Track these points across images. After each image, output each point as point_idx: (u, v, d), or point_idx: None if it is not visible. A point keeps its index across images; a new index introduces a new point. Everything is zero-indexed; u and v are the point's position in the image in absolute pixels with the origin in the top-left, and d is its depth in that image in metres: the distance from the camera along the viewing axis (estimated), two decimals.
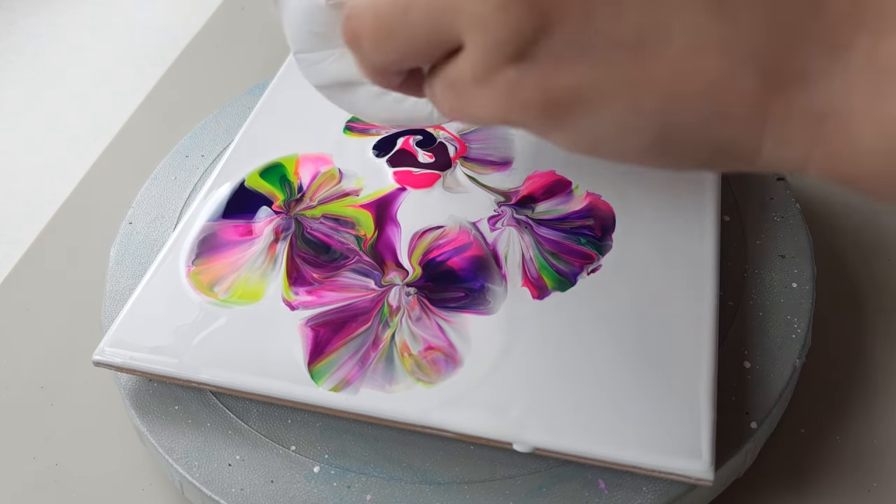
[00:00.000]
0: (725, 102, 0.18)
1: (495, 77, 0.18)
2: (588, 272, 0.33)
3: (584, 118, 0.18)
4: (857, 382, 0.34)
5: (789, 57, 0.17)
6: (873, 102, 0.17)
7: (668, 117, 0.18)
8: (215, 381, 0.30)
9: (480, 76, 0.19)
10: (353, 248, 0.35)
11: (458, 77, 0.19)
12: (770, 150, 0.18)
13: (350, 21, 0.20)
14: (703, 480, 0.27)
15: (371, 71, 0.21)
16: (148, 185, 0.41)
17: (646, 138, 0.19)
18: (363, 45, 0.20)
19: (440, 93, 0.20)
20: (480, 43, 0.18)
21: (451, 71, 0.19)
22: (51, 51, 0.60)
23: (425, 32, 0.19)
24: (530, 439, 0.28)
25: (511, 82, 0.18)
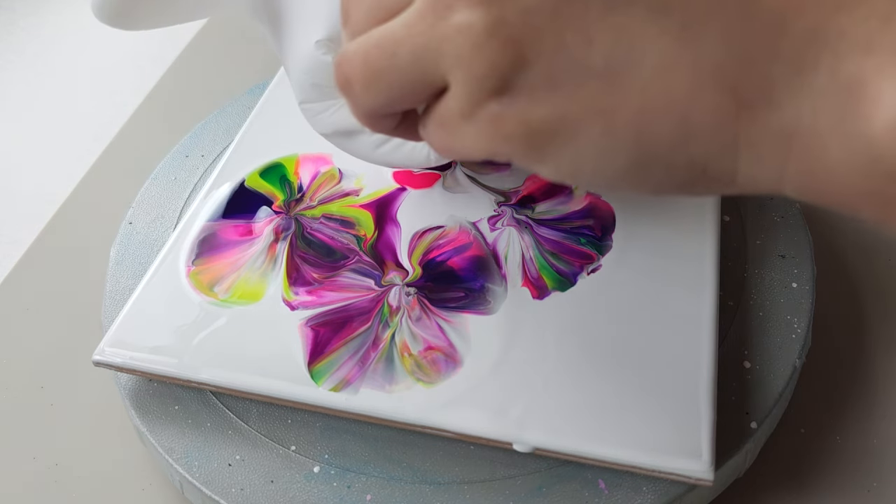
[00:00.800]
0: (696, 123, 0.18)
1: (479, 111, 0.19)
2: (588, 272, 0.33)
3: (565, 146, 0.19)
4: (857, 382, 0.34)
5: (755, 78, 0.18)
6: (839, 121, 0.17)
7: (643, 140, 0.19)
8: (215, 381, 0.30)
9: (466, 111, 0.19)
10: (353, 248, 0.35)
11: (447, 114, 0.20)
12: (745, 171, 0.19)
13: (341, 66, 0.21)
14: (703, 480, 0.27)
15: (364, 115, 0.22)
16: (148, 185, 0.41)
17: (624, 162, 0.19)
18: (355, 90, 0.21)
19: (432, 131, 0.21)
20: (462, 80, 0.19)
21: (440, 109, 0.20)
22: (51, 51, 0.60)
23: (412, 74, 0.20)
24: (530, 439, 0.28)
25: (494, 116, 0.19)
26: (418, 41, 0.19)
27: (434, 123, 0.21)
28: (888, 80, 0.16)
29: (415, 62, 0.20)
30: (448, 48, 0.19)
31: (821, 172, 0.18)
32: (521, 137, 0.19)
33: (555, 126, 0.19)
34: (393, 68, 0.20)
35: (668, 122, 0.18)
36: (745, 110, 0.18)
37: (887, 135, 0.16)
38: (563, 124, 0.19)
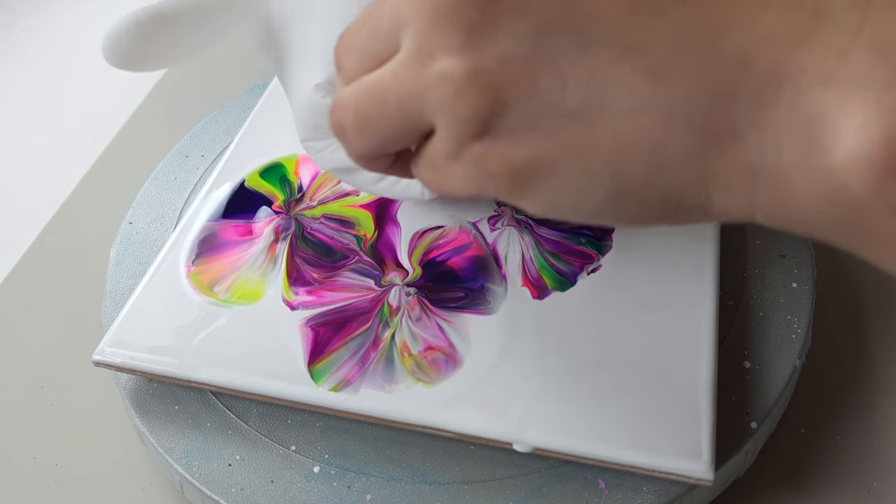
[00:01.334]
0: (667, 159, 0.19)
1: (464, 153, 0.20)
2: (588, 272, 0.33)
3: (546, 183, 0.20)
4: (857, 382, 0.34)
5: (720, 115, 0.18)
6: (801, 153, 0.18)
7: (618, 176, 0.20)
8: (215, 381, 0.30)
9: (452, 153, 0.21)
10: (353, 248, 0.35)
11: (435, 155, 0.21)
12: (718, 202, 0.20)
13: (335, 113, 0.23)
14: (703, 480, 0.27)
15: (359, 157, 0.23)
16: (148, 185, 0.41)
17: (602, 197, 0.20)
18: (348, 135, 0.22)
19: (423, 171, 0.22)
20: (447, 124, 0.20)
21: (428, 151, 0.21)
22: (51, 51, 0.60)
23: (400, 119, 0.21)
24: (530, 439, 0.28)
25: (478, 157, 0.20)
26: (405, 88, 0.20)
27: (424, 164, 0.22)
28: (846, 112, 0.17)
29: (402, 108, 0.21)
30: (432, 94, 0.20)
31: (788, 202, 0.19)
32: (505, 176, 0.20)
33: (535, 165, 0.20)
34: (382, 115, 0.21)
35: (640, 158, 0.19)
36: (713, 145, 0.19)
37: (847, 166, 0.17)
38: (542, 163, 0.20)
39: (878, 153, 0.17)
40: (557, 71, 0.19)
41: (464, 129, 0.20)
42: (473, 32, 0.19)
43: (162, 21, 0.31)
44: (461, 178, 0.21)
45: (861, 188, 0.17)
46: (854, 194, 0.17)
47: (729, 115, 0.18)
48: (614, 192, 0.20)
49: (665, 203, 0.20)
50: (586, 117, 0.19)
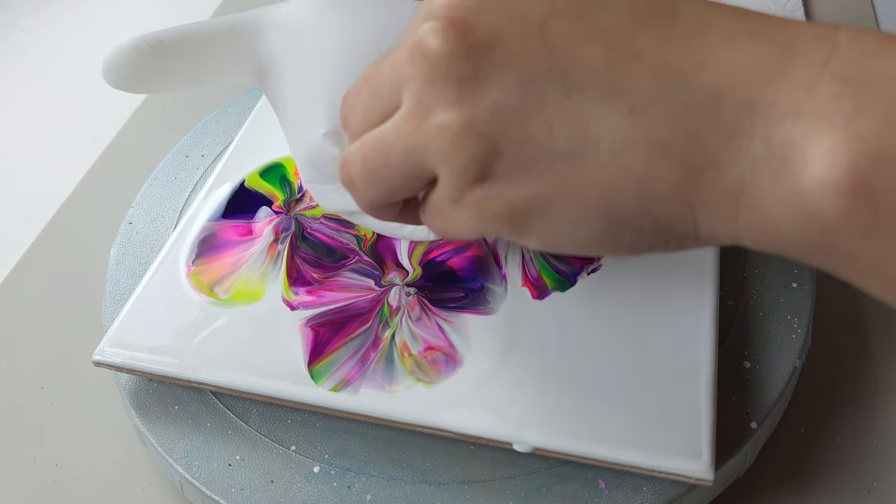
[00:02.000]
0: (653, 191, 0.20)
1: (465, 197, 0.22)
2: (588, 272, 0.33)
3: (542, 221, 0.21)
4: (857, 382, 0.34)
5: (698, 148, 0.20)
6: (775, 181, 0.19)
7: (610, 210, 0.21)
8: (215, 381, 0.30)
9: (454, 198, 0.22)
10: (353, 248, 0.35)
11: (439, 202, 0.23)
12: (706, 227, 0.21)
13: (344, 168, 0.24)
14: (703, 480, 0.27)
15: (368, 207, 0.25)
16: (148, 185, 0.41)
17: (596, 230, 0.21)
18: (357, 187, 0.24)
19: (429, 217, 0.24)
20: (447, 172, 0.22)
21: (433, 198, 0.23)
22: (51, 51, 0.60)
23: (404, 170, 0.23)
24: (530, 439, 0.28)
25: (478, 200, 0.22)
26: (407, 142, 0.22)
27: (430, 210, 0.23)
28: (813, 142, 0.18)
29: (405, 160, 0.22)
30: (432, 146, 0.21)
31: (767, 227, 0.20)
32: (504, 216, 0.22)
33: (531, 204, 0.21)
34: (387, 167, 0.23)
35: (628, 192, 0.20)
36: (695, 176, 0.20)
37: (817, 190, 0.18)
38: (537, 202, 0.21)
39: (845, 177, 0.18)
40: (545, 117, 0.20)
41: (463, 175, 0.21)
42: (466, 86, 0.21)
43: (161, 50, 0.32)
44: (465, 221, 0.22)
45: (831, 211, 0.18)
46: (825, 218, 0.18)
47: (707, 147, 0.20)
48: (607, 224, 0.21)
49: (657, 232, 0.21)
50: (575, 158, 0.20)
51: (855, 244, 0.19)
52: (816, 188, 0.18)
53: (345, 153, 0.24)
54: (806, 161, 0.18)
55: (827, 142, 0.18)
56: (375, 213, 0.25)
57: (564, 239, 0.22)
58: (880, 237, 0.18)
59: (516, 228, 0.22)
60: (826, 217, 0.18)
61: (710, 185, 0.20)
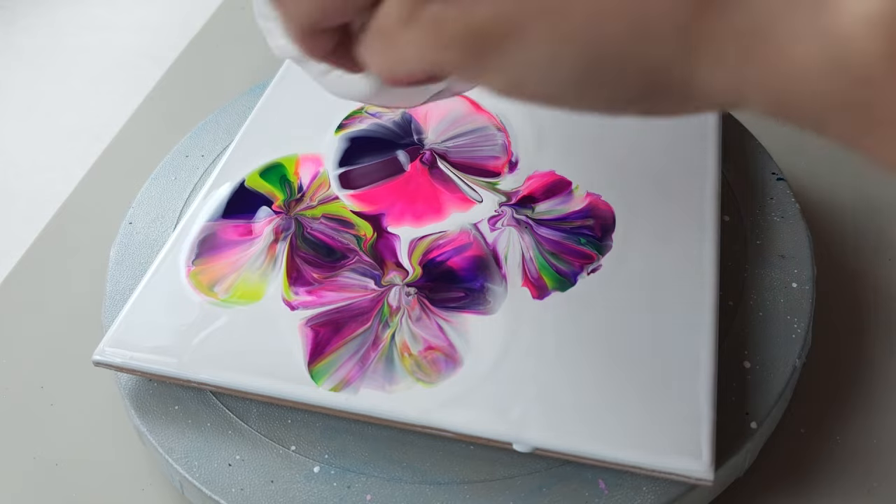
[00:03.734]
0: (650, 21, 0.17)
1: (419, 14, 0.18)
2: (588, 272, 0.33)
3: (509, 52, 0.18)
4: (857, 382, 0.34)
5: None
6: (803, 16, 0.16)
7: (592, 43, 0.17)
8: (215, 381, 0.30)
9: (405, 16, 0.18)
10: (353, 248, 0.35)
11: (385, 23, 0.19)
12: (704, 77, 0.17)
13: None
14: (703, 480, 0.27)
15: (297, 32, 0.21)
16: (148, 185, 0.41)
17: (573, 68, 0.18)
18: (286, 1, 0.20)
19: (371, 47, 0.20)
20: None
21: (378, 19, 0.19)
22: (51, 51, 0.60)
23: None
24: (530, 439, 0.28)
25: (435, 18, 0.18)
26: None
27: (373, 36, 0.20)
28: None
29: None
30: None
31: (783, 76, 0.16)
32: (463, 41, 0.18)
33: (498, 28, 0.18)
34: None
35: (621, 20, 0.17)
36: (700, 8, 0.17)
37: (855, 30, 0.15)
38: (507, 26, 0.18)
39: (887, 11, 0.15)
40: None
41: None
42: None
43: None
44: (415, 48, 0.19)
45: (871, 57, 0.15)
46: (858, 64, 0.15)
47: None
48: (588, 62, 0.18)
49: (643, 77, 0.18)
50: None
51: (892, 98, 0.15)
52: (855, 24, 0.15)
53: None
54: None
55: None
56: (304, 44, 0.21)
57: (531, 79, 0.18)
58: None
59: (476, 59, 0.18)
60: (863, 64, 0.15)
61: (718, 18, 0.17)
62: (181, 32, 0.58)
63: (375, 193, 0.37)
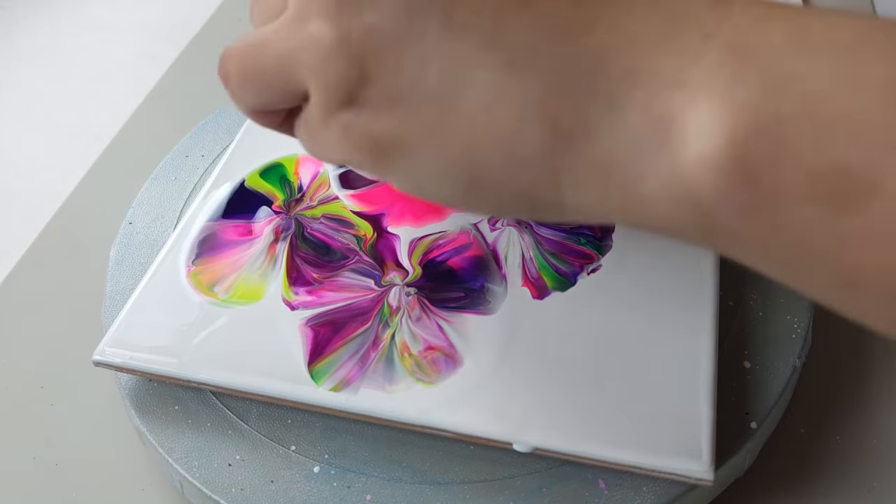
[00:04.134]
0: (518, 150, 0.19)
1: (332, 120, 0.21)
2: (588, 272, 0.33)
3: (405, 162, 0.20)
4: (857, 382, 0.34)
5: (573, 113, 0.18)
6: (651, 154, 0.18)
7: (472, 164, 0.20)
8: (215, 381, 0.30)
9: (321, 119, 0.21)
10: (353, 248, 0.35)
11: (309, 119, 0.22)
12: (571, 199, 0.20)
13: (222, 61, 0.23)
14: (703, 480, 0.27)
15: (245, 110, 0.24)
16: (148, 185, 0.41)
17: (459, 183, 0.20)
18: (231, 85, 0.23)
19: (300, 134, 0.23)
20: (316, 89, 0.20)
21: (304, 114, 0.22)
22: (51, 51, 0.60)
23: (277, 77, 0.21)
24: (530, 439, 0.28)
25: (344, 125, 0.20)
26: (281, 46, 0.21)
27: (301, 126, 0.22)
28: (692, 113, 0.17)
29: (278, 66, 0.21)
30: (304, 56, 0.20)
31: (639, 203, 0.18)
32: (367, 149, 0.20)
33: (394, 141, 0.20)
34: (260, 69, 0.22)
35: (494, 152, 0.19)
36: (565, 142, 0.19)
37: (695, 168, 0.17)
38: (400, 141, 0.20)
39: (723, 152, 0.16)
40: (420, 50, 0.19)
41: (331, 94, 0.20)
42: (345, 1, 0.19)
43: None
44: (332, 146, 0.21)
45: (708, 190, 0.17)
46: (702, 196, 0.17)
47: (582, 113, 0.18)
48: (470, 179, 0.20)
49: (520, 198, 0.20)
50: (445, 102, 0.19)
51: (736, 223, 0.17)
52: (694, 164, 0.17)
53: (228, 46, 0.23)
54: (684, 134, 0.17)
55: (705, 112, 0.17)
56: (254, 118, 0.24)
57: (427, 187, 0.21)
58: (764, 216, 0.17)
59: (379, 165, 0.21)
60: (704, 196, 0.17)
61: (580, 153, 0.19)
62: (181, 32, 0.58)
63: (375, 193, 0.37)
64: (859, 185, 0.15)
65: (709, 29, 0.17)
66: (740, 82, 0.16)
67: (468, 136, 0.19)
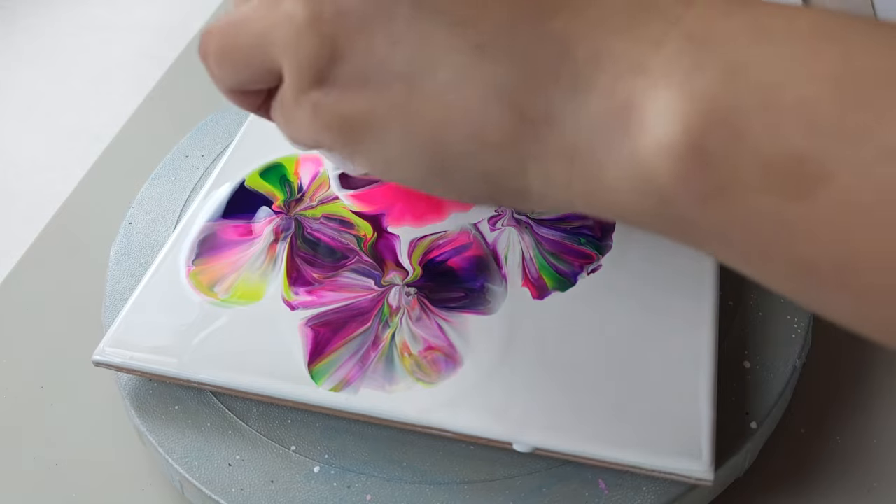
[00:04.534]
0: (485, 137, 0.19)
1: (303, 99, 0.21)
2: (588, 272, 0.33)
3: (373, 141, 0.20)
4: (857, 382, 0.34)
5: (538, 98, 0.19)
6: (612, 141, 0.18)
7: (439, 146, 0.20)
8: (215, 381, 0.30)
9: (293, 97, 0.21)
10: (353, 248, 0.35)
11: (282, 99, 0.22)
12: (537, 185, 0.20)
13: (202, 39, 0.23)
14: (703, 480, 0.27)
15: (223, 90, 0.24)
16: (148, 185, 0.41)
17: (425, 164, 0.20)
18: (210, 63, 0.23)
19: (275, 115, 0.23)
20: (288, 67, 0.21)
21: (279, 94, 0.22)
22: (51, 51, 0.60)
23: (253, 56, 0.22)
24: (530, 439, 0.28)
25: (315, 104, 0.21)
26: (258, 25, 0.21)
27: (276, 106, 0.23)
28: (652, 100, 0.17)
29: (255, 45, 0.21)
30: (277, 34, 0.21)
31: (602, 191, 0.19)
32: (336, 127, 0.21)
33: (362, 120, 0.20)
34: (238, 48, 0.22)
35: (460, 132, 0.19)
36: (530, 128, 0.19)
37: (654, 156, 0.17)
38: (369, 120, 0.20)
39: (680, 140, 0.17)
40: (391, 30, 0.19)
41: (302, 73, 0.20)
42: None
43: None
44: (302, 125, 0.21)
45: (667, 177, 0.17)
46: (661, 183, 0.17)
47: (547, 98, 0.18)
48: (436, 161, 0.20)
49: (486, 182, 0.20)
50: (413, 82, 0.19)
51: (694, 212, 0.17)
52: (653, 150, 0.17)
53: (210, 25, 0.23)
54: (644, 121, 0.17)
55: (664, 99, 0.17)
56: (233, 99, 0.24)
57: (395, 167, 0.21)
58: (720, 204, 0.17)
59: (347, 144, 0.21)
60: (663, 183, 0.17)
61: (544, 139, 0.19)
62: (181, 32, 0.58)
63: (375, 193, 0.37)
64: (810, 173, 0.16)
65: (672, 17, 0.18)
66: (698, 71, 0.17)
67: (435, 117, 0.19)
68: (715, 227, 0.17)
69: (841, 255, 0.16)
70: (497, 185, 0.20)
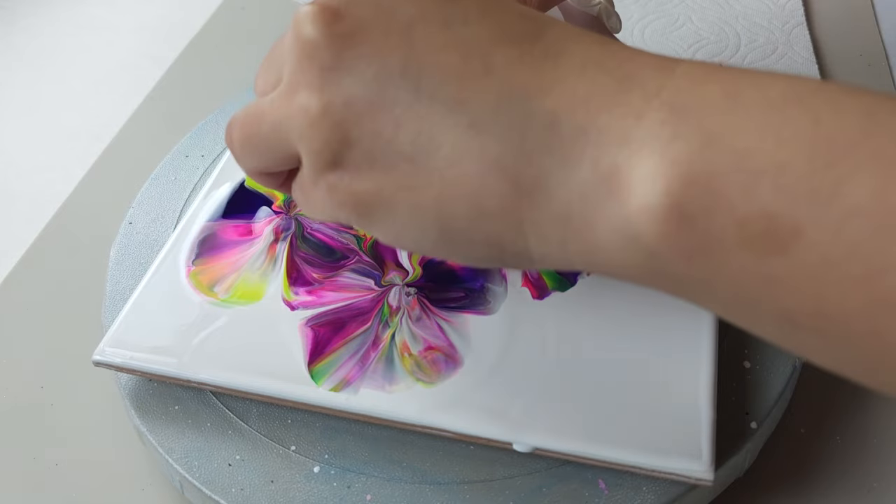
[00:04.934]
0: (485, 207, 0.21)
1: (320, 181, 0.23)
2: (588, 272, 0.33)
3: (384, 216, 0.22)
4: (857, 382, 0.34)
5: (530, 168, 0.20)
6: (602, 206, 0.19)
7: (443, 217, 0.21)
8: (215, 381, 0.30)
9: (311, 180, 0.23)
10: (353, 248, 0.35)
11: (301, 181, 0.24)
12: (536, 248, 0.21)
13: (227, 128, 0.25)
14: (703, 480, 0.27)
15: (248, 172, 0.26)
16: (148, 185, 0.41)
17: (432, 234, 0.22)
18: (234, 149, 0.25)
19: (295, 193, 0.25)
20: (305, 153, 0.23)
21: (299, 175, 0.24)
22: (51, 51, 0.60)
23: (273, 143, 0.24)
24: (530, 439, 0.28)
25: (330, 186, 0.22)
26: (276, 116, 0.23)
27: (296, 186, 0.25)
28: (636, 167, 0.19)
29: (273, 133, 0.23)
30: (294, 124, 0.22)
31: (595, 250, 0.20)
32: (351, 206, 0.22)
33: (374, 198, 0.22)
34: (259, 136, 0.24)
35: (461, 204, 0.21)
36: (525, 196, 0.21)
37: (639, 216, 0.19)
38: (380, 198, 0.22)
39: (662, 202, 0.18)
40: (394, 115, 0.21)
41: (318, 158, 0.22)
42: (326, 73, 0.22)
43: None
44: (321, 204, 0.23)
45: (653, 236, 0.19)
46: (648, 242, 0.19)
47: (539, 169, 0.20)
48: (442, 232, 0.22)
49: (490, 247, 0.22)
50: (417, 161, 0.21)
51: (681, 267, 0.19)
52: (638, 213, 0.19)
53: (233, 115, 0.25)
54: (629, 186, 0.19)
55: (647, 166, 0.19)
56: (258, 179, 0.26)
57: (405, 238, 0.23)
58: (704, 260, 0.18)
59: (362, 220, 0.23)
60: (649, 242, 0.19)
61: (539, 207, 0.20)
62: (181, 32, 0.58)
63: None
64: (782, 229, 0.17)
65: (652, 90, 0.19)
66: (677, 138, 0.18)
67: (438, 190, 0.21)
68: (700, 280, 0.19)
69: (816, 305, 0.17)
70: (500, 248, 0.22)
